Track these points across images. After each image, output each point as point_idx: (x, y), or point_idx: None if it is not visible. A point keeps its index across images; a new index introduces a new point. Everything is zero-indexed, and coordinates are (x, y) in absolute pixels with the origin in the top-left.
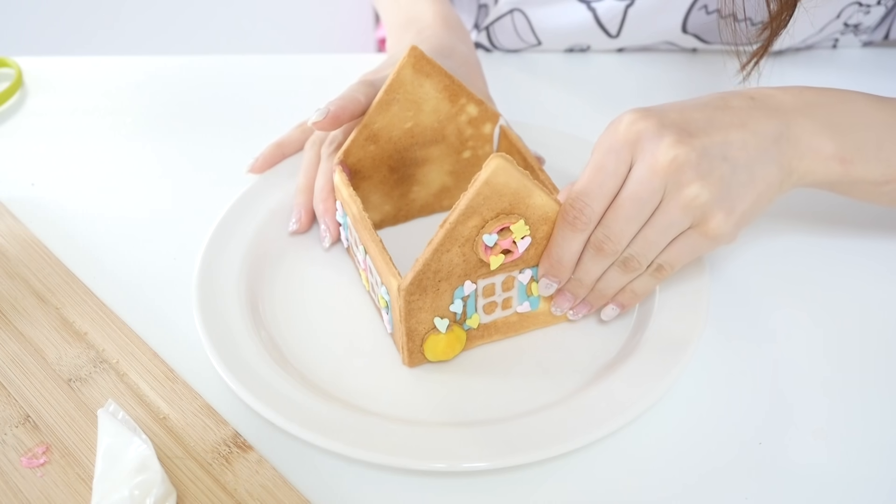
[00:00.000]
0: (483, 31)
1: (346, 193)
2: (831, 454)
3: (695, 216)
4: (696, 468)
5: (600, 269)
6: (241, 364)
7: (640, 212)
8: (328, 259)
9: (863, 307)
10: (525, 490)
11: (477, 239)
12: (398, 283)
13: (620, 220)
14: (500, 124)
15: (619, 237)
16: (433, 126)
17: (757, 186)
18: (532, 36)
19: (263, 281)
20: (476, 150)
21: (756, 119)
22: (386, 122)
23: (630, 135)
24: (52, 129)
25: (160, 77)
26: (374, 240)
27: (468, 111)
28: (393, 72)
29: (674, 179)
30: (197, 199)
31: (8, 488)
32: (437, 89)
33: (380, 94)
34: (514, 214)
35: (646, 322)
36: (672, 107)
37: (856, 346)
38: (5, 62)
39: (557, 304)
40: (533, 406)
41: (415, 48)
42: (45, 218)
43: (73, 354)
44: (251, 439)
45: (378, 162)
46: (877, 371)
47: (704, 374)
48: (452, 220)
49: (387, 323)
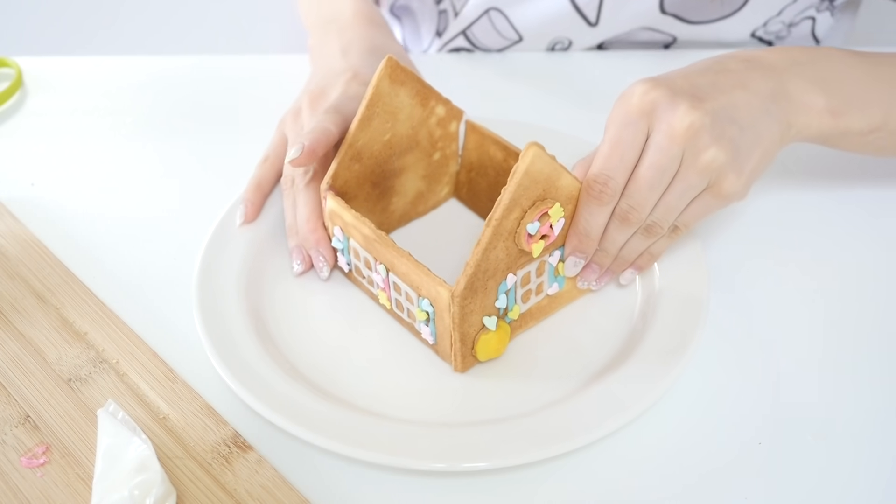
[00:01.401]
0: (461, 35)
1: (351, 216)
2: (831, 454)
3: (710, 178)
4: (695, 468)
5: (625, 237)
6: (241, 364)
7: (661, 179)
8: None
9: (863, 308)
10: (525, 490)
11: (519, 230)
12: (450, 291)
13: (644, 189)
14: (464, 120)
15: (644, 205)
16: (408, 134)
17: (762, 144)
18: (513, 32)
19: (263, 281)
20: (444, 150)
21: (753, 79)
22: (368, 138)
23: (645, 105)
24: (52, 129)
25: (160, 77)
26: (402, 255)
27: (437, 112)
28: (371, 86)
29: (691, 145)
30: (197, 199)
31: (8, 488)
32: (410, 96)
33: (361, 111)
34: (548, 199)
35: (646, 322)
36: (677, 74)
37: (856, 346)
38: (5, 62)
39: (584, 276)
40: (533, 406)
41: (390, 58)
42: (45, 218)
43: (73, 354)
44: (251, 439)
45: (362, 179)
46: (877, 371)
47: (704, 375)
48: (498, 216)
49: (428, 335)
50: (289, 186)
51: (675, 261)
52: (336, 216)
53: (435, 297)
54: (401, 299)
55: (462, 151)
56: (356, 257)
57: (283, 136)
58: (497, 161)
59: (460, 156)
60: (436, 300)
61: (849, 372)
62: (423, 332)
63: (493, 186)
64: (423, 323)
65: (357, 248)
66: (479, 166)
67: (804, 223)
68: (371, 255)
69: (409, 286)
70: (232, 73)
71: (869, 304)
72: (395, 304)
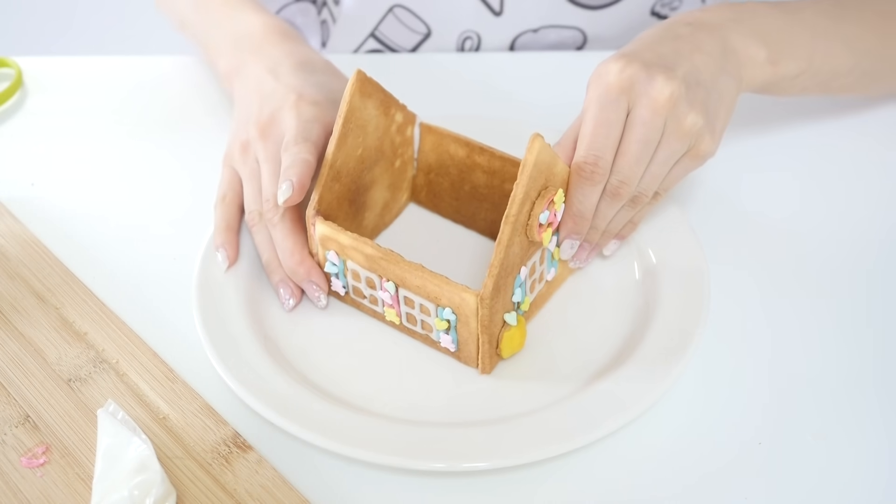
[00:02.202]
0: (371, 37)
1: (349, 238)
2: (831, 454)
3: (690, 142)
4: (695, 468)
5: (614, 212)
6: (241, 364)
7: (648, 151)
8: None
9: (863, 307)
10: (525, 490)
11: (531, 222)
12: (476, 296)
13: (632, 162)
14: (418, 123)
15: (633, 178)
16: (376, 145)
17: (725, 101)
18: (421, 24)
19: (263, 281)
20: (403, 156)
21: (704, 41)
22: (344, 156)
23: (623, 82)
24: (52, 129)
25: (161, 77)
26: (414, 268)
27: (396, 119)
28: (344, 102)
29: (672, 114)
30: (197, 199)
31: (8, 488)
32: (376, 107)
33: (337, 130)
34: (550, 187)
35: (646, 322)
36: (640, 46)
37: (856, 346)
38: (5, 62)
39: (578, 256)
40: (533, 406)
41: (360, 72)
42: (45, 218)
43: (73, 354)
44: (251, 439)
45: (341, 199)
46: (877, 371)
47: (704, 374)
48: (514, 211)
49: (449, 343)
50: (256, 222)
51: (676, 261)
52: (330, 241)
53: (459, 304)
54: (413, 313)
55: (418, 154)
56: (355, 279)
57: (234, 172)
58: (459, 158)
59: (416, 159)
60: (459, 307)
61: (849, 372)
62: (442, 342)
63: (456, 184)
64: (443, 332)
65: (357, 269)
66: (439, 167)
67: (804, 222)
68: (376, 273)
69: (424, 298)
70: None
71: (869, 304)
72: (406, 318)
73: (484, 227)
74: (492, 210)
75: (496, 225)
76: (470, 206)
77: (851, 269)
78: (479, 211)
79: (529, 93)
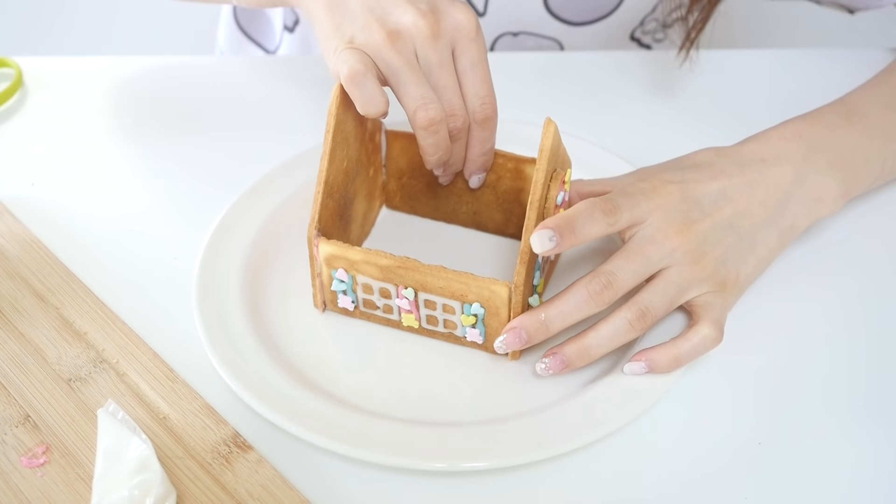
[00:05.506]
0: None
1: (359, 254)
2: (831, 454)
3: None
4: (695, 468)
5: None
6: (241, 364)
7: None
8: None
9: (863, 306)
10: (525, 490)
11: (548, 204)
12: (508, 287)
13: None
14: (384, 129)
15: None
16: (356, 156)
17: (756, 251)
18: None
19: (263, 281)
20: (374, 163)
21: (766, 185)
22: (334, 170)
23: (664, 260)
24: (52, 129)
25: (161, 77)
26: (435, 270)
27: (368, 127)
28: (331, 116)
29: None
30: (197, 199)
31: (8, 488)
32: (355, 117)
33: (328, 145)
34: (558, 168)
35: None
36: (694, 176)
37: (855, 345)
38: (5, 62)
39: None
40: (533, 406)
41: (341, 86)
42: (45, 218)
43: (73, 354)
44: (251, 439)
45: (334, 215)
46: (877, 371)
47: (704, 374)
48: (537, 196)
49: (477, 337)
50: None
51: None
52: (338, 259)
53: (488, 297)
54: (434, 314)
55: (386, 161)
56: (366, 292)
57: (366, 56)
58: None
59: (384, 166)
60: (489, 300)
61: (849, 371)
62: (468, 336)
63: (432, 184)
64: (470, 327)
65: (369, 282)
66: (412, 169)
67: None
68: (391, 283)
69: (448, 298)
70: (232, 73)
71: (869, 303)
72: (426, 321)
73: (467, 220)
74: (473, 202)
75: (480, 216)
76: (449, 203)
77: (851, 268)
78: (460, 205)
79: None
